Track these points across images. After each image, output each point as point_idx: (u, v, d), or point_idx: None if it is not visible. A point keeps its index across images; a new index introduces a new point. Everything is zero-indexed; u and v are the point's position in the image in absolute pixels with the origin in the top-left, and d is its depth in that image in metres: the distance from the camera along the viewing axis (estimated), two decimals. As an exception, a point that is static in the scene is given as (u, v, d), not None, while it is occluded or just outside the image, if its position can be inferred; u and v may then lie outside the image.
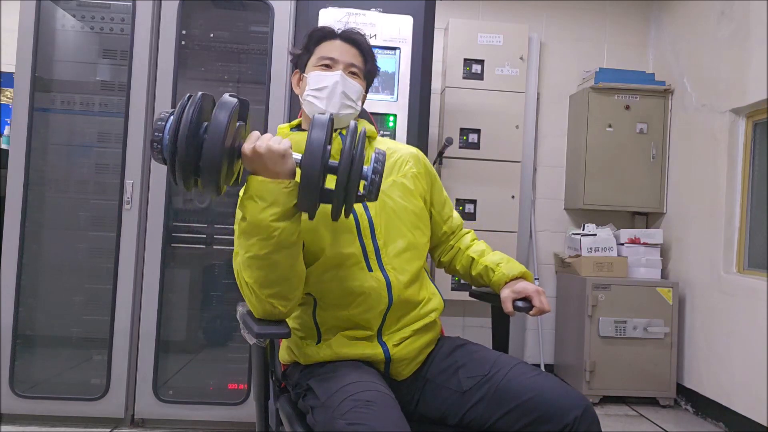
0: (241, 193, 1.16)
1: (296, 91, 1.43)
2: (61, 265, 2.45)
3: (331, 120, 1.10)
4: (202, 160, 1.01)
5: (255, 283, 1.13)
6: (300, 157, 1.08)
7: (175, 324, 2.49)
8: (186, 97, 1.05)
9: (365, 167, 1.08)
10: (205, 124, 1.03)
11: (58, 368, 2.44)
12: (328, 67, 1.35)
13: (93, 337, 2.40)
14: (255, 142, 1.07)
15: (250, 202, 1.09)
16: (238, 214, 1.15)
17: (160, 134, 1.02)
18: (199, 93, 1.05)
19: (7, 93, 3.12)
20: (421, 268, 1.36)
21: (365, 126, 1.42)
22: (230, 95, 1.06)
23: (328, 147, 1.06)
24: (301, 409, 1.24)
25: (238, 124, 1.09)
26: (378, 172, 1.08)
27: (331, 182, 1.08)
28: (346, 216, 1.11)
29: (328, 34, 1.38)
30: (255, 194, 1.09)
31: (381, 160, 1.10)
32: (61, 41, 2.49)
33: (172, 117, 1.03)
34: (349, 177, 1.05)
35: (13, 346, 2.32)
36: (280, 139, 1.09)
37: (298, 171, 1.09)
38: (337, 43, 1.37)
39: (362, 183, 1.08)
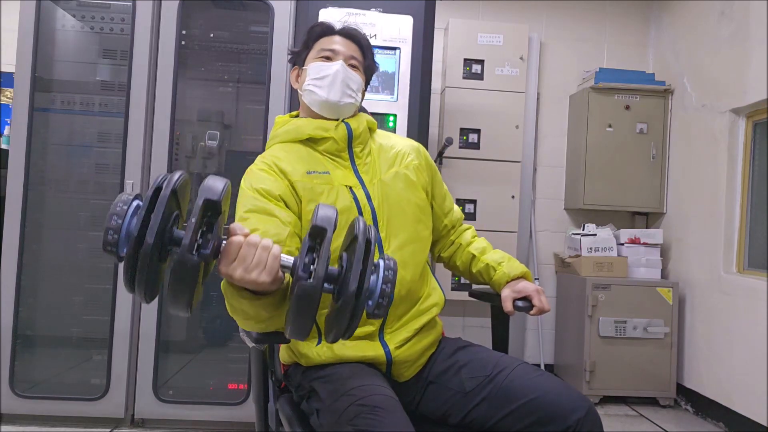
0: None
1: (295, 85, 1.42)
2: (61, 265, 2.45)
3: (336, 221, 0.89)
4: (173, 270, 0.79)
5: (251, 329, 1.10)
6: (291, 263, 0.89)
7: (175, 324, 2.49)
8: (160, 178, 0.82)
9: (372, 277, 0.88)
10: (176, 213, 0.84)
11: (58, 368, 2.44)
12: (328, 59, 1.35)
13: (93, 337, 2.40)
14: (233, 261, 0.87)
15: (230, 305, 1.01)
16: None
17: (120, 221, 0.79)
18: (178, 173, 0.84)
19: (7, 93, 3.12)
20: (424, 262, 1.36)
21: (368, 118, 1.42)
22: (213, 181, 0.85)
23: (329, 258, 0.86)
24: (305, 411, 1.24)
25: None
26: (389, 281, 0.87)
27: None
28: (346, 339, 0.91)
29: (327, 29, 1.38)
30: (236, 305, 0.99)
31: (393, 267, 0.90)
32: (61, 41, 2.49)
33: (136, 202, 0.82)
34: (356, 302, 0.85)
35: (13, 346, 2.31)
36: (268, 246, 0.89)
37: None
38: (337, 39, 1.37)
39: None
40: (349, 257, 0.88)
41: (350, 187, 1.30)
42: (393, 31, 2.35)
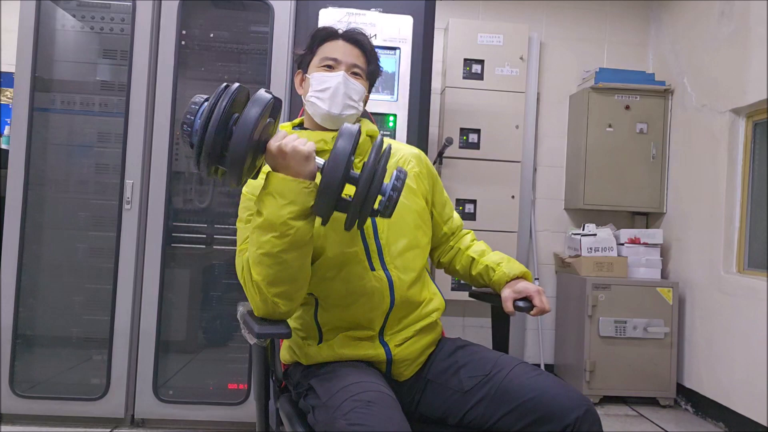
0: (247, 187, 1.20)
1: (299, 91, 1.43)
2: (61, 265, 2.45)
3: (359, 131, 1.11)
4: (228, 150, 1.03)
5: (263, 281, 1.12)
6: (322, 162, 1.10)
7: (175, 324, 2.49)
8: (222, 87, 1.06)
9: (385, 183, 1.09)
10: (236, 115, 1.05)
11: (58, 368, 2.44)
12: (330, 67, 1.34)
13: (93, 337, 2.40)
14: (281, 140, 1.09)
15: (269, 198, 1.11)
16: (254, 208, 1.16)
17: (192, 117, 1.04)
18: (236, 84, 1.07)
19: (7, 93, 3.12)
20: (423, 268, 1.36)
21: (370, 126, 1.42)
22: (266, 91, 1.07)
23: (352, 158, 1.07)
24: (302, 409, 1.25)
25: (268, 120, 1.09)
26: (397, 189, 1.09)
27: (348, 191, 1.10)
28: (359, 227, 1.13)
29: (331, 34, 1.38)
30: (275, 191, 1.10)
31: (402, 178, 1.10)
32: (61, 41, 2.49)
33: (206, 103, 1.05)
34: (369, 190, 1.06)
35: (13, 346, 2.32)
36: (305, 140, 1.11)
37: (318, 175, 1.11)
38: (340, 44, 1.37)
39: (379, 198, 1.09)
40: (365, 163, 1.07)
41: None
42: (393, 31, 2.35)
